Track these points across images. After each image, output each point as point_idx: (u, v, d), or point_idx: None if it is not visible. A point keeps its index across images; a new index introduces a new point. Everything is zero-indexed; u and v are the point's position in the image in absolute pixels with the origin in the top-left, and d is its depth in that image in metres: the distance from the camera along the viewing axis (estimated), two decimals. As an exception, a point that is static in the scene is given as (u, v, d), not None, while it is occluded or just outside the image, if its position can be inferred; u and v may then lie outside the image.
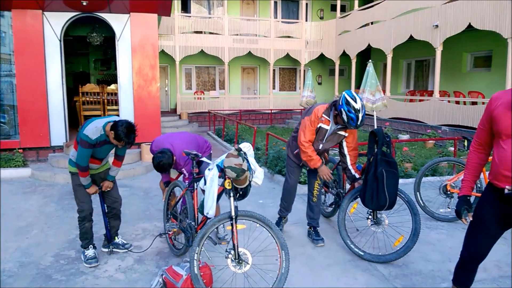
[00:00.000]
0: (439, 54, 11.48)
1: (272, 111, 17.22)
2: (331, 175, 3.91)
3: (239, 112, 16.21)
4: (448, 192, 4.79)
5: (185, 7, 17.66)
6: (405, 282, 3.37)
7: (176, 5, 15.95)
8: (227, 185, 2.91)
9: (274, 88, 18.81)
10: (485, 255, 2.44)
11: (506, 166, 2.16)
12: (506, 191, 2.18)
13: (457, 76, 13.64)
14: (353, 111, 3.51)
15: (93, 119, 3.62)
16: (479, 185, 4.77)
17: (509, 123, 2.15)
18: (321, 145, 3.92)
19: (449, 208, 4.82)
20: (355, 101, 3.53)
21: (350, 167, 3.97)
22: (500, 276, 3.45)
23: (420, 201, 4.97)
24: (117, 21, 8.44)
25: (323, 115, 3.78)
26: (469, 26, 10.36)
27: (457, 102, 11.66)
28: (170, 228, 3.81)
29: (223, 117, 12.58)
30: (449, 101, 11.63)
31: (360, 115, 3.52)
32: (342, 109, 3.56)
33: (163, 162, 3.74)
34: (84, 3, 7.64)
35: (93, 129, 3.46)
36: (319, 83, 19.71)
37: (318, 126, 3.81)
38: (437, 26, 11.31)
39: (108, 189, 3.88)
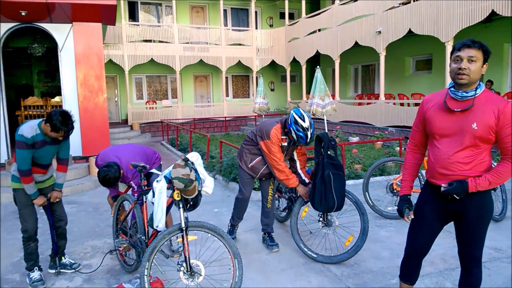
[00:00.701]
0: (383, 59, 12.01)
1: (227, 118, 17.22)
2: (308, 193, 3.92)
3: (193, 120, 16.07)
4: (395, 191, 4.99)
5: (133, 16, 17.33)
6: (357, 281, 3.46)
7: (123, 13, 15.62)
8: (176, 196, 2.87)
9: (227, 95, 18.83)
10: (427, 250, 2.56)
11: (441, 165, 2.28)
12: (442, 188, 2.30)
13: (400, 79, 14.33)
14: (302, 130, 3.62)
15: (28, 120, 3.44)
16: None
17: (442, 123, 2.27)
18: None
19: (396, 206, 5.02)
20: (303, 120, 3.64)
21: (300, 171, 4.05)
22: (445, 269, 3.62)
23: (369, 201, 5.15)
24: (59, 32, 8.12)
25: (282, 137, 3.86)
26: (410, 31, 10.93)
27: (402, 104, 12.23)
28: (119, 244, 3.69)
29: (176, 126, 12.41)
30: (394, 104, 12.18)
31: (309, 133, 3.63)
32: (291, 128, 3.67)
33: (109, 176, 3.61)
34: (23, 14, 7.28)
35: (28, 128, 3.27)
36: (272, 90, 19.98)
37: (280, 145, 3.90)
38: (380, 32, 11.84)
39: (57, 199, 3.65)
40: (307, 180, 4.03)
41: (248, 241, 4.48)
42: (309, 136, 3.64)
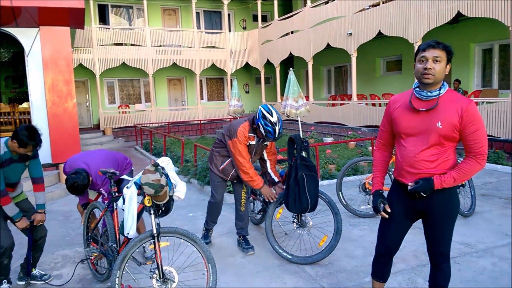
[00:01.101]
0: (355, 60, 12.21)
1: (202, 121, 17.12)
2: (274, 194, 3.92)
3: (167, 124, 15.89)
4: (367, 190, 5.06)
5: (104, 19, 17.03)
6: (331, 280, 3.49)
7: (93, 17, 15.31)
8: (147, 202, 2.82)
9: (202, 98, 18.74)
10: (397, 247, 2.60)
11: (408, 163, 2.34)
12: (409, 187, 2.35)
13: (372, 79, 14.61)
14: (270, 125, 3.64)
15: None
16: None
17: (408, 123, 2.33)
18: (250, 160, 3.96)
19: (369, 204, 5.11)
20: (271, 115, 3.66)
21: (270, 171, 4.08)
22: (417, 265, 3.69)
23: (343, 200, 5.21)
24: (26, 36, 7.87)
25: (249, 134, 3.85)
26: (380, 33, 11.17)
27: (374, 104, 12.47)
28: (90, 253, 3.60)
29: (150, 131, 12.24)
30: (366, 104, 12.40)
31: (277, 128, 3.65)
32: (259, 123, 3.69)
33: (77, 183, 3.50)
34: (-13, 17, 7.04)
35: None
36: (247, 92, 20.00)
37: (247, 143, 3.88)
38: (351, 34, 12.03)
39: (41, 223, 3.53)
40: (276, 179, 4.05)
41: (223, 244, 4.45)
42: (277, 131, 3.66)
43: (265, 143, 3.98)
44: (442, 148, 2.27)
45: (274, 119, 3.65)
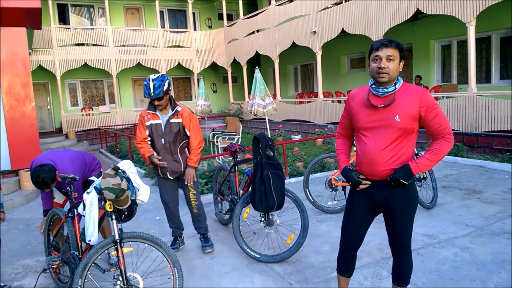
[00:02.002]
0: (320, 58, 12.38)
1: (169, 122, 16.84)
2: (159, 163, 3.87)
3: (133, 126, 15.56)
4: (333, 186, 5.13)
5: (63, 19, 16.47)
6: (299, 277, 3.52)
7: (52, 16, 14.77)
8: (108, 208, 2.73)
9: (169, 98, 18.43)
10: (361, 242, 2.64)
11: (368, 159, 2.38)
12: (389, 179, 2.37)
13: (337, 77, 14.86)
14: (147, 81, 3.71)
15: None
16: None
17: (367, 119, 2.37)
18: (163, 140, 3.91)
19: (336, 200, 5.18)
20: (153, 75, 3.76)
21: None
22: (382, 258, 3.77)
23: (310, 197, 5.26)
24: (-22, 36, 7.50)
25: (148, 111, 3.92)
26: (343, 31, 11.36)
27: (339, 101, 12.68)
28: (51, 262, 3.46)
29: (115, 133, 11.95)
30: (332, 101, 12.60)
31: (152, 83, 3.68)
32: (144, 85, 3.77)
33: (42, 175, 3.29)
34: None
35: None
36: (214, 91, 19.89)
37: (148, 124, 3.90)
38: (315, 32, 12.18)
39: (2, 221, 3.38)
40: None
41: (190, 247, 4.39)
42: (151, 85, 3.67)
43: (173, 120, 3.89)
44: (401, 142, 2.32)
45: (153, 76, 3.73)
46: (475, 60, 8.48)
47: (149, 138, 3.98)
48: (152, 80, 3.68)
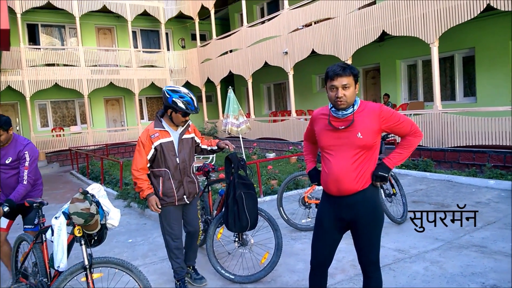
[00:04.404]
0: (291, 78, 12.62)
1: (142, 142, 16.64)
2: (155, 207, 3.44)
3: (105, 146, 15.30)
4: (307, 203, 5.18)
5: (34, 39, 16.22)
6: (274, 297, 3.51)
7: (22, 37, 14.50)
8: (77, 233, 2.68)
9: (142, 118, 18.30)
10: (330, 259, 2.68)
11: (333, 176, 2.48)
12: (373, 183, 2.51)
13: (309, 96, 15.15)
14: (185, 95, 3.41)
15: None
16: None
17: (330, 139, 2.50)
18: (177, 159, 3.50)
19: (309, 217, 5.23)
20: (179, 88, 3.48)
21: (202, 146, 3.85)
22: (355, 275, 3.81)
23: (284, 215, 5.28)
24: None
25: (155, 129, 3.48)
26: (313, 51, 11.65)
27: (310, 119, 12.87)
28: (17, 290, 3.34)
29: (86, 154, 11.71)
30: (305, 119, 12.79)
31: (193, 96, 3.45)
32: (174, 99, 3.36)
33: None
34: None
35: None
36: (188, 110, 19.82)
37: (157, 144, 3.44)
38: (286, 52, 12.44)
39: None
40: (214, 148, 3.84)
41: (164, 269, 4.32)
42: (194, 99, 3.44)
43: (186, 136, 3.60)
44: (363, 159, 2.44)
45: (185, 90, 3.43)
46: (440, 78, 8.86)
47: (149, 165, 3.48)
48: (189, 93, 3.42)
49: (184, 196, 3.57)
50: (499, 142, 7.64)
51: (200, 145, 3.82)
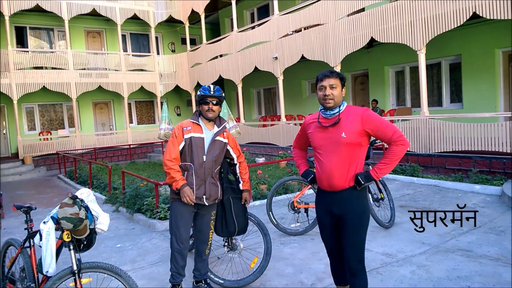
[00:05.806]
0: (281, 83, 12.69)
1: (132, 146, 16.57)
2: (191, 197, 3.33)
3: (93, 150, 15.17)
4: (296, 208, 5.22)
5: (22, 41, 16.06)
6: (263, 301, 3.53)
7: (10, 39, 14.34)
8: (66, 238, 2.67)
9: (131, 122, 18.20)
10: (339, 249, 2.82)
11: (326, 175, 2.71)
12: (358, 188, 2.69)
13: (299, 101, 15.24)
14: (206, 86, 3.42)
15: None
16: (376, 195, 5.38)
17: (319, 139, 2.75)
18: (205, 157, 3.41)
19: (298, 222, 5.26)
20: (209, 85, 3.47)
21: (239, 177, 3.75)
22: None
23: (273, 220, 5.30)
24: None
25: (191, 120, 3.47)
26: (303, 57, 11.74)
27: (301, 125, 12.96)
28: (4, 296, 3.30)
29: (74, 158, 11.60)
30: (295, 124, 12.87)
31: (212, 86, 3.41)
32: (199, 93, 3.43)
33: None
34: None
35: None
36: (178, 114, 19.79)
37: (188, 137, 3.40)
38: (276, 58, 12.52)
39: None
40: (239, 181, 3.72)
41: (153, 275, 4.31)
42: (212, 86, 3.39)
43: (219, 138, 3.49)
44: (351, 156, 2.65)
45: (210, 84, 3.46)
46: (427, 84, 8.99)
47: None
48: (211, 85, 3.42)
49: (204, 196, 3.43)
50: (485, 148, 7.78)
51: (233, 160, 3.70)
